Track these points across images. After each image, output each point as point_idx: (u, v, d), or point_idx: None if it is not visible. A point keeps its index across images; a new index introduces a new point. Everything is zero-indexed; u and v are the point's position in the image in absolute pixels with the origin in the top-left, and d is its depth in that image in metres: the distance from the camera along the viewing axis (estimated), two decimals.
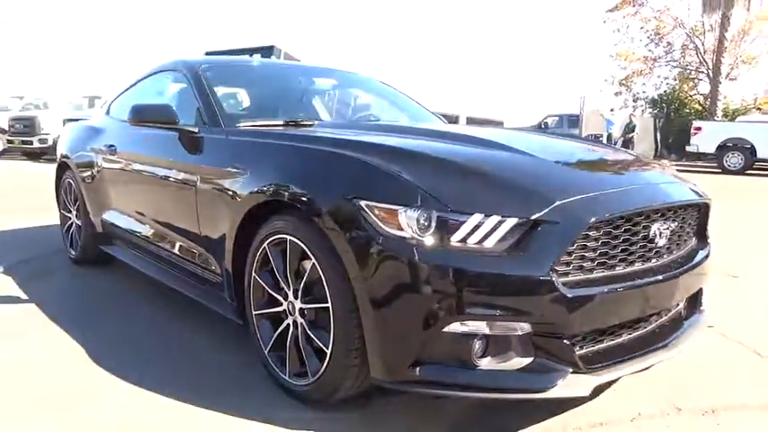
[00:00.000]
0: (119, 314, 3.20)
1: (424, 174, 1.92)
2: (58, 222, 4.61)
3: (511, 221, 1.77)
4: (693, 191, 2.39)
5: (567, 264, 1.83)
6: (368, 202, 1.86)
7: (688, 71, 25.66)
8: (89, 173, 3.93)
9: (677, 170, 2.66)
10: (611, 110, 18.95)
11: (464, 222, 1.77)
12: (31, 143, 15.11)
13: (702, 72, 24.64)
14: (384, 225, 1.82)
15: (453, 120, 32.77)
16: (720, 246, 2.72)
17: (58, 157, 4.47)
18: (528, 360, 1.83)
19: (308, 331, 2.09)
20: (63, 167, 4.39)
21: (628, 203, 1.99)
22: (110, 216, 3.73)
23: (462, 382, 1.81)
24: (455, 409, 2.14)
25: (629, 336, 2.06)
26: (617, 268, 1.95)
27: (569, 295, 1.77)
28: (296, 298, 2.14)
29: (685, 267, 2.18)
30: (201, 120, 2.88)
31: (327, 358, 2.00)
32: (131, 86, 4.00)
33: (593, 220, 1.83)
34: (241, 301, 2.43)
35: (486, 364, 1.82)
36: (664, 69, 26.47)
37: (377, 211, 1.83)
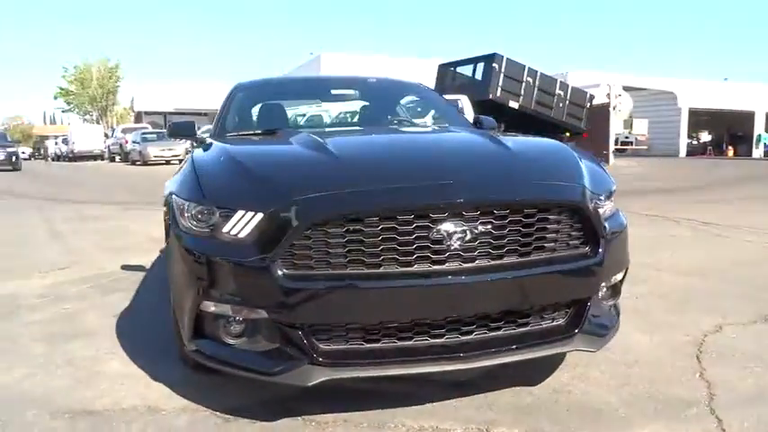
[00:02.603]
0: None
1: (222, 176, 2.19)
2: None
3: (258, 216, 1.93)
4: (556, 192, 2.10)
5: (308, 257, 1.89)
6: (176, 197, 2.21)
7: None
8: None
9: None
10: None
11: (229, 216, 1.98)
12: None
13: None
14: (180, 217, 2.14)
15: (748, 116, 27.91)
16: None
17: None
18: (273, 345, 1.96)
19: None
20: None
21: (387, 200, 1.93)
22: None
23: (220, 358, 2.04)
24: (275, 388, 2.26)
25: (412, 339, 1.98)
26: (383, 267, 1.91)
27: (291, 287, 1.85)
28: None
29: (503, 275, 1.97)
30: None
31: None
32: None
33: (318, 217, 1.86)
34: None
35: (240, 343, 2.01)
36: None
37: (177, 205, 2.18)
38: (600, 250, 2.13)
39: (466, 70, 18.06)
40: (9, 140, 27.26)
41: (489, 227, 1.97)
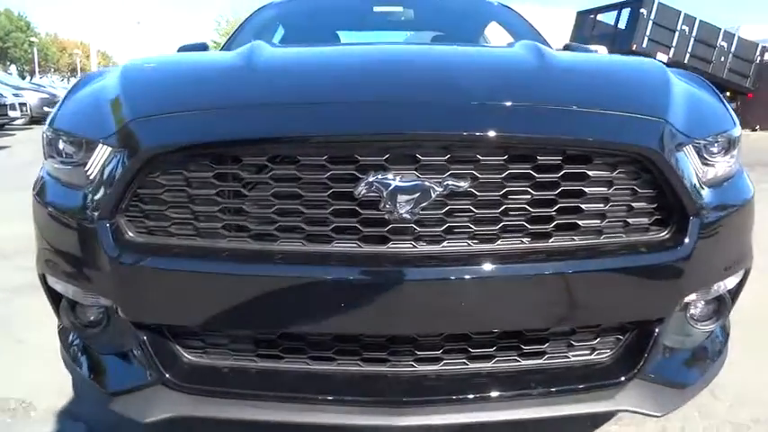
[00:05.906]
0: None
1: (90, 95, 1.43)
2: None
3: (102, 149, 1.23)
4: (604, 127, 1.16)
5: (165, 218, 1.17)
6: None
7: None
8: None
9: None
10: None
11: (93, 150, 1.31)
12: None
13: None
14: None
15: None
16: None
17: None
18: (130, 348, 1.28)
19: None
20: None
21: (280, 127, 1.14)
22: None
23: (66, 351, 1.42)
24: None
25: (335, 362, 1.20)
26: (280, 241, 1.15)
27: (129, 262, 1.15)
28: None
29: (493, 270, 1.11)
30: None
31: None
32: None
33: (156, 150, 1.12)
34: None
35: (91, 335, 1.35)
36: None
37: None
38: (687, 238, 1.18)
39: (608, 18, 15.94)
40: None
41: (469, 184, 1.11)
